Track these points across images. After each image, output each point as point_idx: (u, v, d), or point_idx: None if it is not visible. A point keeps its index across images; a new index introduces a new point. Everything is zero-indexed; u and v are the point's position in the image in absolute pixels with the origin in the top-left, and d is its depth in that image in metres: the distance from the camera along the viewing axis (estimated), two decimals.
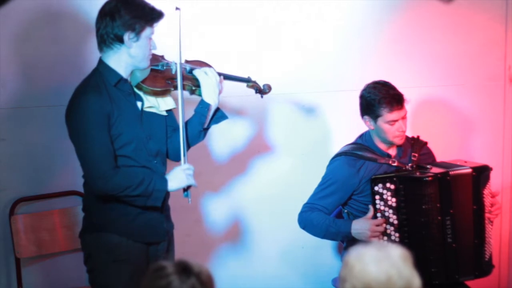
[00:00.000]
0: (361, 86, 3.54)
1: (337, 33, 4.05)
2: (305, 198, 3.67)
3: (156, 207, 3.13)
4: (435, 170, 3.46)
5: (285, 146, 4.04)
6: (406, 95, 3.51)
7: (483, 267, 3.52)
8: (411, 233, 3.42)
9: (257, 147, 3.99)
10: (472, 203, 3.46)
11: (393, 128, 3.48)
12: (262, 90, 3.42)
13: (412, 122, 4.07)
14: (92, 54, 3.31)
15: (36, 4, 3.57)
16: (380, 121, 3.49)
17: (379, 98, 3.46)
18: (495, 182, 4.20)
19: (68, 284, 3.74)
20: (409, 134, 3.70)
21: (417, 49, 4.16)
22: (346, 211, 3.63)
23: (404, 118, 3.49)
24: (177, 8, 3.10)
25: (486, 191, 3.51)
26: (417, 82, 4.18)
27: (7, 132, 3.62)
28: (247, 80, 3.40)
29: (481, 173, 3.49)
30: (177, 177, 3.11)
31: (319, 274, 4.10)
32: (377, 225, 3.42)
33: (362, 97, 3.53)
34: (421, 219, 3.40)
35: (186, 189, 3.13)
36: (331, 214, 3.62)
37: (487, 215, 3.51)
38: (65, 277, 3.76)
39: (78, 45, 3.62)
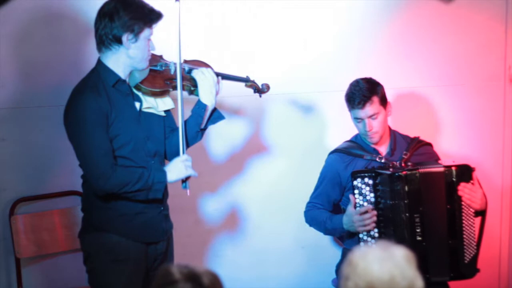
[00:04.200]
0: None
1: (337, 33, 4.05)
2: (304, 198, 3.68)
3: (158, 201, 3.13)
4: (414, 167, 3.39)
5: (284, 146, 4.03)
6: (379, 95, 3.46)
7: (461, 270, 3.39)
8: (386, 229, 3.37)
9: (255, 147, 3.99)
10: (445, 203, 3.36)
11: (360, 125, 3.49)
12: (260, 90, 3.41)
13: (412, 122, 4.08)
14: (91, 54, 3.31)
15: (36, 4, 3.58)
16: (351, 117, 3.52)
17: (346, 94, 3.51)
18: (495, 182, 4.21)
19: (68, 284, 3.75)
20: (410, 135, 3.70)
21: (417, 49, 4.14)
22: (343, 208, 3.62)
23: (372, 117, 3.45)
24: (176, 0, 3.10)
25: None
26: (417, 82, 4.17)
27: (7, 132, 3.63)
28: (245, 80, 3.40)
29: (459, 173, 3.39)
30: (176, 168, 3.11)
31: (319, 274, 4.09)
32: (360, 214, 3.36)
33: None
34: (389, 214, 3.35)
35: (185, 180, 3.13)
36: (329, 210, 3.62)
37: (466, 211, 3.38)
38: (65, 277, 3.77)
39: (77, 45, 3.63)
